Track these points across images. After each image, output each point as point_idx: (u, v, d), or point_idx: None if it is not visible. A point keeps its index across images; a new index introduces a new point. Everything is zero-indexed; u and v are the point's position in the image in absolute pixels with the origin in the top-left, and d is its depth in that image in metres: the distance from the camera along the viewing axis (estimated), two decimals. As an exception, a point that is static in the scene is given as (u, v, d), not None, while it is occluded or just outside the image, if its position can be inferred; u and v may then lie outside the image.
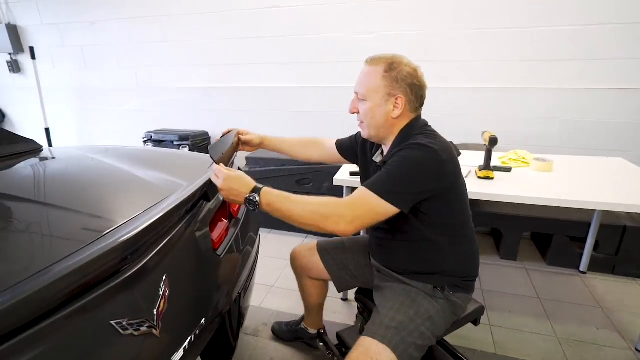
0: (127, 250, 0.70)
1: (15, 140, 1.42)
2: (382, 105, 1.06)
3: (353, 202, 0.97)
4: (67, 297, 0.59)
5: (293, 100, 3.01)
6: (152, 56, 3.24)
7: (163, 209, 0.81)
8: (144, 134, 3.14)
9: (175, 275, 0.84)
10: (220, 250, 1.07)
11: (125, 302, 0.70)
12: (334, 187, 1.82)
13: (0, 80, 3.81)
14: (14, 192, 1.04)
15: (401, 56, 1.07)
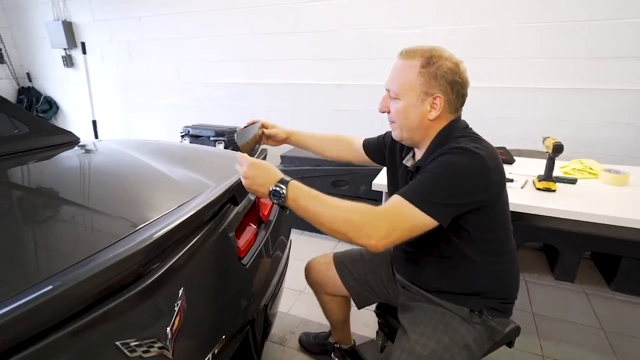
0: (136, 263, 0.62)
1: (54, 132, 1.43)
2: (417, 105, 0.93)
3: (387, 213, 0.84)
4: (66, 316, 0.52)
5: (329, 98, 2.91)
6: (192, 51, 3.26)
7: (183, 215, 0.73)
8: (182, 128, 3.17)
9: (194, 288, 0.76)
10: (247, 259, 0.98)
11: (135, 319, 0.63)
12: (372, 191, 1.68)
13: (55, 74, 4.02)
14: (36, 184, 1.01)
15: (441, 48, 0.93)
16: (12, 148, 1.25)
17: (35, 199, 0.89)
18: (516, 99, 2.40)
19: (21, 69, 4.16)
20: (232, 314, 0.88)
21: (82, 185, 0.99)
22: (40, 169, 1.18)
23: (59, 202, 0.87)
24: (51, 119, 4.16)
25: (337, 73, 2.82)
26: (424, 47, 0.93)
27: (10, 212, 0.82)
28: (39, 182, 1.07)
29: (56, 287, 0.50)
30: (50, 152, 1.29)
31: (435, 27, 2.43)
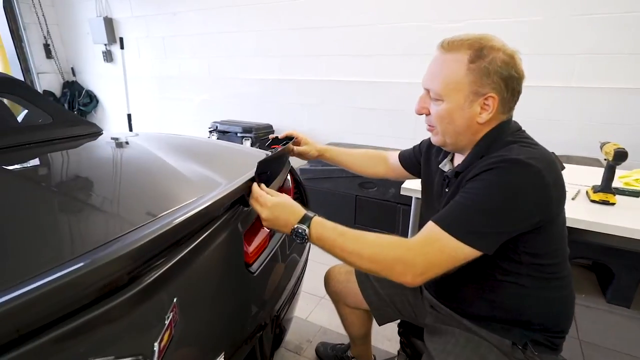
0: (118, 270, 0.54)
1: (78, 123, 1.42)
2: (464, 107, 0.79)
3: (422, 246, 0.74)
4: (23, 332, 0.45)
5: (361, 96, 2.78)
6: (223, 47, 3.25)
7: (178, 217, 0.65)
8: (210, 124, 3.16)
9: (190, 299, 0.68)
10: (256, 266, 0.89)
11: (115, 333, 0.55)
12: (402, 195, 1.56)
13: (96, 69, 4.17)
14: (48, 173, 0.98)
15: (491, 37, 0.79)
16: (35, 137, 1.24)
17: (35, 190, 0.84)
18: (568, 100, 2.17)
19: (67, 63, 4.35)
20: (235, 327, 0.80)
21: (84, 179, 0.95)
22: (57, 158, 1.15)
23: (56, 195, 0.82)
24: (91, 112, 4.33)
25: (370, 70, 2.70)
26: (470, 37, 0.78)
27: (10, 203, 0.78)
28: (52, 171, 1.05)
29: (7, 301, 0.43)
30: (71, 143, 1.28)
31: (479, 20, 2.24)
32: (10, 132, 1.22)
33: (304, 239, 0.78)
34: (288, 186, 1.27)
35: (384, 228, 2.47)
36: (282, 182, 1.08)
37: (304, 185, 1.36)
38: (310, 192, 2.70)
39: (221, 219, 0.78)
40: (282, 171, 1.08)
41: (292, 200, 0.83)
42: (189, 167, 1.04)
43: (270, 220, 0.80)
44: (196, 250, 0.70)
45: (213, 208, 0.72)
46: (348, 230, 0.77)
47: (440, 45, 0.81)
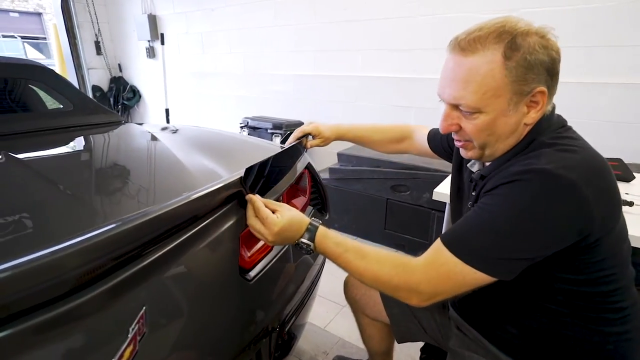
0: (73, 267, 0.45)
1: (98, 111, 1.40)
2: (509, 112, 0.65)
3: (427, 269, 0.66)
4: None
5: (398, 93, 2.61)
6: (259, 42, 3.21)
7: (151, 212, 0.56)
8: (242, 119, 3.14)
9: (164, 309, 0.58)
10: (254, 272, 0.78)
11: (64, 345, 0.46)
12: (436, 201, 1.39)
13: (140, 65, 4.32)
14: (58, 159, 0.93)
15: (512, 19, 0.64)
16: (54, 124, 1.23)
17: (25, 176, 0.79)
18: (631, 98, 1.87)
19: (114, 59, 4.56)
20: (223, 342, 0.69)
21: (75, 167, 0.89)
22: (65, 145, 1.13)
23: (41, 181, 0.76)
24: (134, 106, 4.50)
25: (408, 65, 2.52)
26: (489, 26, 0.63)
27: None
28: (54, 157, 1.01)
29: None
30: (85, 131, 1.25)
31: (536, 8, 2.00)
32: (27, 118, 1.22)
33: (309, 252, 0.73)
34: (304, 185, 1.16)
35: (415, 236, 2.29)
36: (288, 185, 0.96)
37: (322, 183, 1.24)
38: (339, 193, 2.61)
39: (210, 218, 0.67)
40: (289, 172, 0.96)
41: (296, 213, 0.74)
42: (191, 159, 0.95)
43: (276, 243, 0.74)
44: (175, 253, 0.60)
45: (197, 204, 0.62)
46: (352, 245, 0.72)
47: (456, 47, 0.65)
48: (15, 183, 0.74)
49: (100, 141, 1.17)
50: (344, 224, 2.61)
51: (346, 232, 2.60)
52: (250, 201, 0.72)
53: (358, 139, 1.13)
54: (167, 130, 1.36)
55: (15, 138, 1.09)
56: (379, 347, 1.21)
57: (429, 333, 1.02)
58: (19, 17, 20.20)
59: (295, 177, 1.00)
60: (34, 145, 1.06)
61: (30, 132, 1.13)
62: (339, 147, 2.58)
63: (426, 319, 1.01)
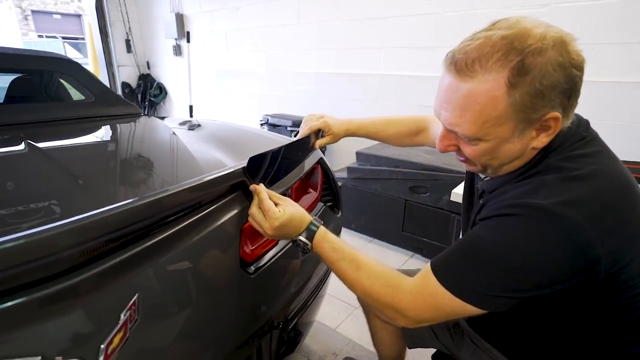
0: (70, 247, 0.45)
1: (119, 103, 1.43)
2: (513, 139, 0.57)
3: (416, 297, 0.63)
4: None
5: (422, 92, 2.54)
6: (282, 40, 3.22)
7: (161, 193, 0.55)
8: (262, 116, 3.15)
9: (159, 297, 0.57)
10: (256, 266, 0.76)
11: (48, 325, 0.46)
12: (457, 203, 1.32)
13: (167, 62, 4.44)
14: (71, 147, 0.95)
15: (523, 27, 0.52)
16: (75, 114, 1.27)
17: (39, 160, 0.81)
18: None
19: (143, 57, 4.70)
20: (220, 336, 0.68)
21: (84, 154, 0.90)
22: (86, 134, 1.15)
23: (53, 165, 0.77)
24: (160, 103, 4.62)
25: (433, 64, 2.45)
26: (492, 39, 0.52)
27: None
28: (77, 145, 1.03)
29: None
30: (106, 121, 1.28)
31: (572, 2, 1.89)
32: (50, 107, 1.25)
33: (305, 251, 0.72)
34: (315, 181, 1.13)
35: (433, 239, 2.22)
36: (297, 179, 0.93)
37: (335, 180, 1.21)
38: (357, 193, 2.56)
39: (211, 207, 0.66)
40: (297, 167, 0.93)
41: (299, 209, 0.72)
42: (201, 150, 0.95)
43: (273, 236, 0.72)
44: (173, 240, 0.59)
45: (196, 192, 0.61)
46: (349, 252, 0.69)
47: (452, 66, 0.55)
48: (30, 171, 0.76)
49: (115, 131, 1.19)
50: (361, 224, 2.57)
51: (363, 233, 2.56)
52: (254, 191, 0.71)
53: (371, 134, 1.06)
54: (185, 124, 1.38)
55: (38, 126, 1.12)
56: (390, 352, 1.17)
57: (440, 340, 0.97)
58: (61, 18, 21.32)
59: (303, 172, 0.98)
60: (54, 134, 1.09)
61: (52, 121, 1.16)
62: (358, 146, 2.54)
63: (439, 325, 0.96)
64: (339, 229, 1.23)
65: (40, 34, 19.97)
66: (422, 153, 2.40)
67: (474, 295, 0.57)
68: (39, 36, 19.61)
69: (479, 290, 0.56)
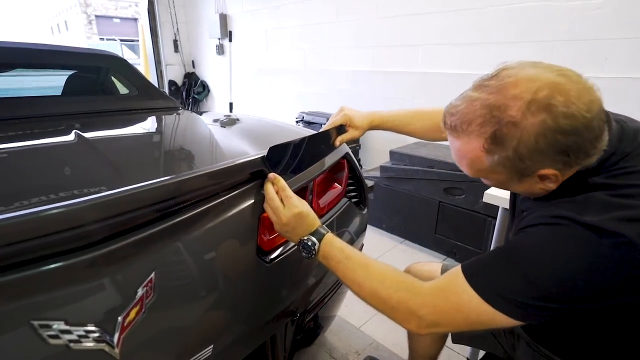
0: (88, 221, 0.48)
1: (159, 97, 1.50)
2: (513, 181, 0.57)
3: (436, 295, 0.60)
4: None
5: (461, 90, 2.44)
6: (320, 38, 3.23)
7: (180, 177, 0.58)
8: (297, 114, 3.18)
9: (176, 275, 0.60)
10: (273, 255, 0.77)
11: (70, 294, 0.49)
12: (493, 206, 1.26)
13: (210, 61, 4.62)
14: (112, 137, 1.02)
15: (521, 85, 0.51)
16: (118, 106, 1.35)
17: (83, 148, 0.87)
18: None
19: (189, 57, 4.93)
20: (233, 320, 0.69)
21: (121, 139, 0.96)
22: (126, 124, 1.22)
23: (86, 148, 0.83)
24: (202, 100, 4.82)
25: (474, 60, 2.35)
26: (478, 101, 0.54)
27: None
28: (117, 134, 1.10)
29: None
30: (146, 114, 1.36)
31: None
32: (97, 100, 1.35)
33: (311, 254, 0.69)
34: (341, 176, 1.13)
35: (468, 243, 2.12)
36: (318, 173, 0.93)
37: (361, 175, 1.19)
38: (390, 193, 2.52)
39: (231, 194, 0.68)
40: (316, 160, 0.92)
41: (309, 210, 0.71)
42: (230, 140, 0.98)
43: (284, 225, 0.70)
44: (190, 222, 0.61)
45: (214, 177, 0.63)
46: (356, 254, 0.68)
47: (444, 123, 0.60)
48: (71, 157, 0.82)
49: (152, 122, 1.25)
50: (393, 225, 2.52)
51: (394, 233, 2.51)
52: (273, 179, 0.71)
53: (396, 127, 1.01)
54: (221, 117, 1.42)
55: (86, 117, 1.21)
56: (427, 351, 1.11)
57: (493, 340, 0.91)
58: (120, 22, 22.97)
59: (327, 166, 0.97)
60: (99, 124, 1.18)
61: (98, 113, 1.25)
62: (392, 145, 2.50)
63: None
64: (364, 226, 1.21)
65: (101, 37, 21.63)
66: (459, 153, 2.31)
67: (504, 302, 0.53)
68: (101, 39, 21.21)
69: (510, 297, 0.53)
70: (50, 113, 1.11)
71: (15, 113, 1.04)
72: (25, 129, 0.96)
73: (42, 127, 0.99)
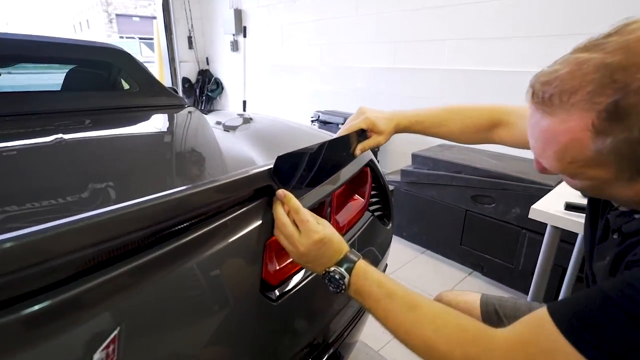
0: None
1: (162, 94, 1.38)
2: (618, 182, 0.43)
3: (520, 351, 0.42)
4: None
5: (491, 89, 2.25)
6: (337, 34, 3.07)
7: (157, 199, 0.43)
8: (313, 113, 3.03)
9: (145, 334, 0.45)
10: (282, 290, 0.62)
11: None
12: (529, 218, 1.08)
13: (224, 58, 4.51)
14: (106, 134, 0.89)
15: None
16: (115, 104, 1.23)
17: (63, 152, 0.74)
18: None
19: (203, 53, 4.83)
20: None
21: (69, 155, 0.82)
22: (118, 124, 1.10)
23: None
24: (216, 98, 4.72)
25: (505, 56, 2.15)
26: (586, 66, 0.39)
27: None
28: (105, 136, 0.97)
29: None
30: (144, 112, 1.23)
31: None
32: (88, 97, 1.23)
33: (340, 288, 0.54)
34: (362, 187, 0.97)
35: (497, 257, 1.93)
36: (336, 187, 0.77)
37: (387, 185, 1.03)
38: (411, 199, 2.33)
39: (227, 217, 0.53)
40: (333, 172, 0.76)
41: (332, 232, 0.56)
42: (234, 146, 0.83)
43: (303, 259, 0.56)
44: (169, 259, 0.46)
45: (205, 197, 0.48)
46: (400, 290, 0.52)
47: (533, 93, 0.44)
48: (44, 162, 0.69)
49: (147, 122, 1.12)
50: (413, 233, 2.34)
51: (415, 242, 2.33)
52: (284, 198, 0.56)
53: (428, 129, 0.84)
54: (228, 118, 1.29)
55: (75, 115, 1.09)
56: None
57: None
58: (139, 21, 23.30)
59: (349, 176, 0.82)
60: (88, 124, 1.05)
61: (91, 110, 1.12)
62: (413, 147, 2.32)
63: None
64: (389, 243, 1.05)
65: (121, 35, 21.98)
66: (487, 158, 2.11)
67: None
68: (120, 37, 21.56)
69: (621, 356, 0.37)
70: (37, 110, 0.99)
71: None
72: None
73: (21, 127, 0.87)
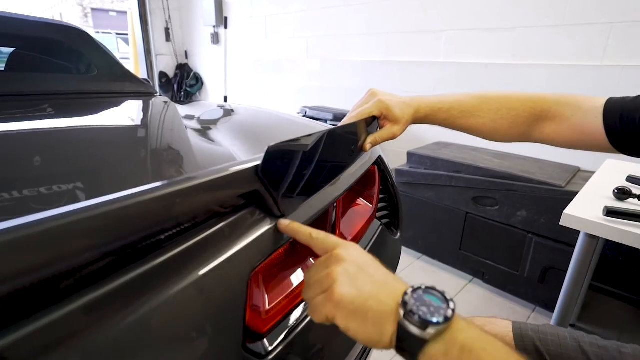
0: None
1: (124, 79, 1.17)
2: None
3: None
4: None
5: (494, 82, 2.12)
6: (325, 25, 2.90)
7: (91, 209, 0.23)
8: (300, 108, 2.84)
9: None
10: (273, 339, 0.43)
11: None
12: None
13: (204, 52, 4.26)
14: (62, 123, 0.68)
15: None
16: (63, 88, 1.01)
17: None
18: None
19: (182, 46, 4.56)
20: None
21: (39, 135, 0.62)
22: (65, 111, 0.88)
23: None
24: (196, 93, 4.46)
25: (508, 48, 2.02)
26: None
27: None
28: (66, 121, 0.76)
29: None
30: (101, 99, 1.01)
31: None
32: (38, 79, 1.01)
33: (412, 355, 0.31)
34: (369, 189, 0.79)
35: (500, 263, 1.79)
36: (344, 190, 0.59)
37: (396, 188, 0.86)
38: (406, 201, 2.15)
39: (193, 239, 0.34)
40: (340, 170, 0.58)
41: (376, 264, 0.36)
42: (206, 139, 0.64)
43: (348, 318, 0.34)
44: (109, 301, 0.27)
45: (150, 207, 0.29)
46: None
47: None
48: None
49: (101, 110, 0.91)
50: (408, 237, 2.19)
51: (410, 247, 2.18)
52: (287, 231, 0.37)
53: (454, 119, 0.66)
54: (204, 107, 1.09)
55: (21, 100, 0.87)
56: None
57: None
58: (116, 16, 22.52)
59: (354, 178, 0.64)
60: (30, 109, 0.83)
61: (33, 95, 0.91)
62: (409, 144, 2.17)
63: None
64: (398, 256, 0.88)
65: (97, 30, 21.17)
66: (490, 157, 1.98)
67: None
68: (96, 32, 20.76)
69: None
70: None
71: None
72: None
73: None
